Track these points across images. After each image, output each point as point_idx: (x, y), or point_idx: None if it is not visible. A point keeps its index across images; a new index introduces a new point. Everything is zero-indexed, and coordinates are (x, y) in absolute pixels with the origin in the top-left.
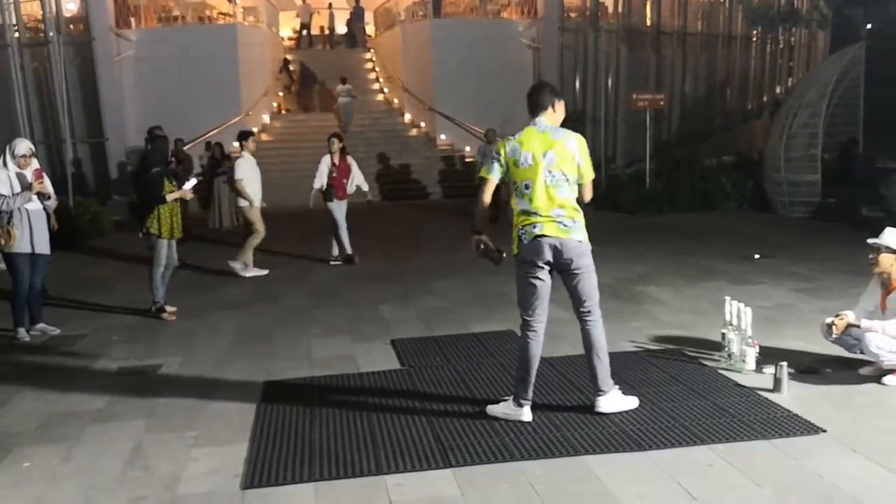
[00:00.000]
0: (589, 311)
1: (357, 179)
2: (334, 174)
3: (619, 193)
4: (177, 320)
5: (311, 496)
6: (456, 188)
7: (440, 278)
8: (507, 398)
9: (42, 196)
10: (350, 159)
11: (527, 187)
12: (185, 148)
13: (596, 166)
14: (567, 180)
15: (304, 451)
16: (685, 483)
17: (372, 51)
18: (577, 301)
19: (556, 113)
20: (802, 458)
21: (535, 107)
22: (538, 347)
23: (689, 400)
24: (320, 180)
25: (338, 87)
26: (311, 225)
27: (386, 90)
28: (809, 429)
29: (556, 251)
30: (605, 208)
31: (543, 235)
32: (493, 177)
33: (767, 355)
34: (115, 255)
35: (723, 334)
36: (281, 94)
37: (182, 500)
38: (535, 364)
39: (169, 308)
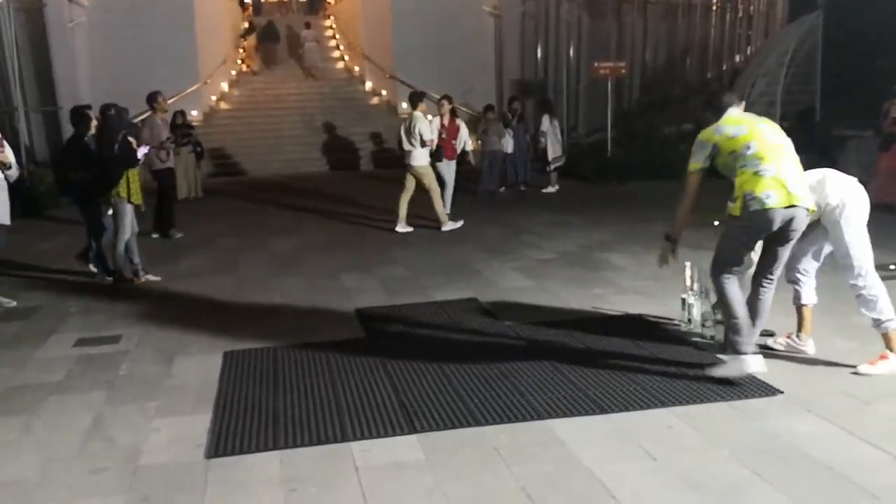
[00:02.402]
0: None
1: (464, 138)
2: (443, 135)
3: (580, 162)
4: (136, 290)
5: (277, 464)
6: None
7: (400, 248)
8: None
9: (3, 166)
10: (459, 121)
11: None
12: (134, 119)
13: None
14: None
15: (268, 420)
16: (646, 445)
17: (332, 17)
18: None
19: None
20: (759, 420)
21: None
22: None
23: (650, 364)
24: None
25: (303, 32)
26: (268, 194)
27: (346, 58)
28: (766, 391)
29: None
30: (566, 177)
31: None
32: None
33: None
34: (71, 226)
35: (683, 300)
36: (240, 62)
37: (144, 471)
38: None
39: (151, 277)
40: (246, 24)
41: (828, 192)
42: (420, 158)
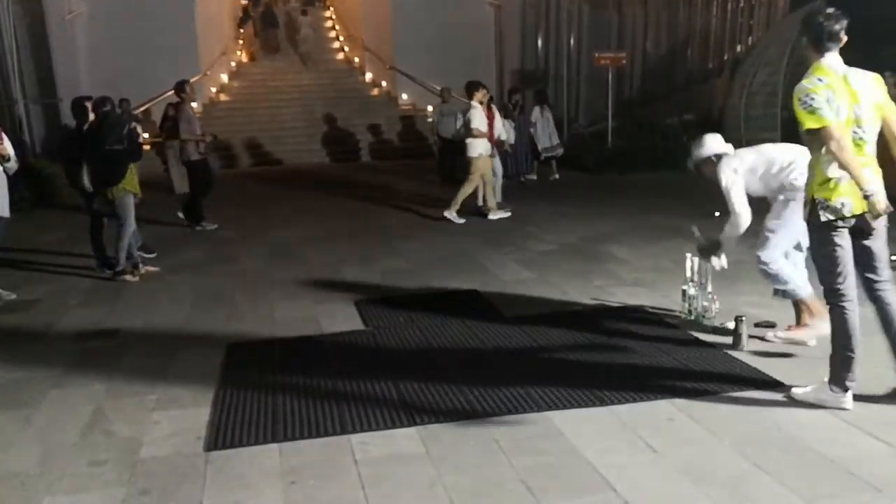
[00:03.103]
0: None
1: (497, 129)
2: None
3: (581, 153)
4: (136, 283)
5: (276, 456)
6: (417, 149)
7: (401, 240)
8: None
9: (2, 158)
10: (494, 108)
11: None
12: (134, 110)
13: (558, 125)
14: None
15: (267, 413)
16: (646, 437)
17: (332, 8)
18: None
19: None
20: (760, 411)
21: None
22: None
23: (651, 355)
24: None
25: (299, 18)
26: (268, 185)
27: (346, 49)
28: (768, 382)
29: None
30: (567, 168)
31: None
32: None
33: (726, 311)
34: (71, 218)
35: (683, 291)
36: (239, 52)
37: (144, 464)
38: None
39: (151, 269)
40: (241, 13)
41: (797, 174)
42: (473, 149)
